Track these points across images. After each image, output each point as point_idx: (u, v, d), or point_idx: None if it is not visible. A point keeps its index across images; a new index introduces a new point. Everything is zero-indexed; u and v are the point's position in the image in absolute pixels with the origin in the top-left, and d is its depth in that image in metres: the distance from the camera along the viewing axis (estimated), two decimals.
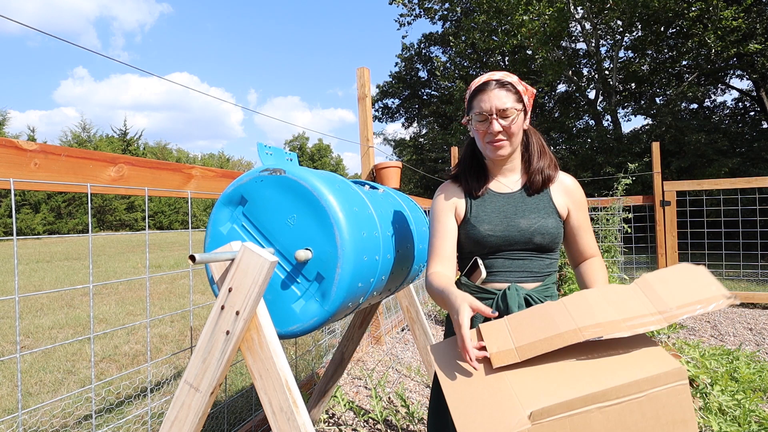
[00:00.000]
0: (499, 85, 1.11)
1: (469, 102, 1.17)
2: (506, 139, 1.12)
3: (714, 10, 9.87)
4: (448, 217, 1.20)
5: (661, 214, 4.84)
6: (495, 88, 1.11)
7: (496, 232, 1.14)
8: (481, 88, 1.12)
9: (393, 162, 3.23)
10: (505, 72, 1.15)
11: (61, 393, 2.67)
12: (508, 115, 1.10)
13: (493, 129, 1.10)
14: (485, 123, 1.12)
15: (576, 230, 1.20)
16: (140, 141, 34.42)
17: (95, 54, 2.23)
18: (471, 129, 1.19)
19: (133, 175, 1.34)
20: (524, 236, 1.13)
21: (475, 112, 1.13)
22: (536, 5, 11.01)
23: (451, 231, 1.19)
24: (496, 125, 1.10)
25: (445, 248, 1.18)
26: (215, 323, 1.00)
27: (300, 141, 56.67)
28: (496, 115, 1.10)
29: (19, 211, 23.71)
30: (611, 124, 13.70)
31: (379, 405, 2.22)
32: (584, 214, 1.20)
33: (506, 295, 1.09)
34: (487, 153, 1.16)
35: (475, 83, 1.15)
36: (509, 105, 1.10)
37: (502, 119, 1.10)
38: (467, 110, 1.19)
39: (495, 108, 1.10)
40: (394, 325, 4.02)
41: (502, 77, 1.12)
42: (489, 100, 1.10)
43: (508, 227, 1.14)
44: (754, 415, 1.96)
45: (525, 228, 1.13)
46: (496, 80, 1.12)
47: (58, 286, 6.69)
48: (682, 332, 3.71)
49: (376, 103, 21.10)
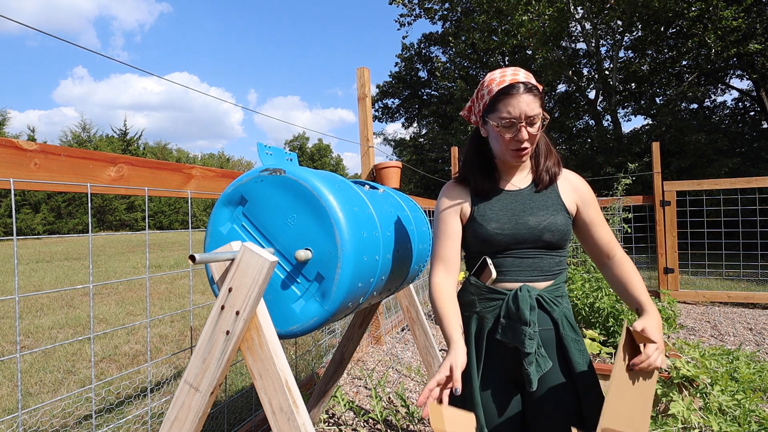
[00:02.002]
0: (527, 89, 1.04)
1: (491, 103, 1.08)
2: (530, 146, 1.09)
3: (714, 10, 9.87)
4: (452, 218, 1.17)
5: (661, 214, 4.84)
6: (524, 93, 1.04)
7: (505, 231, 1.11)
8: (509, 91, 1.04)
9: (393, 162, 3.23)
10: (525, 71, 1.08)
11: (61, 393, 2.67)
12: (535, 122, 1.05)
13: (522, 137, 1.05)
14: (512, 129, 1.06)
15: (589, 226, 1.17)
16: (140, 141, 34.43)
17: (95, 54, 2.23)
18: (488, 130, 1.13)
19: (133, 175, 1.33)
20: (533, 234, 1.10)
21: (501, 116, 1.06)
22: (536, 5, 11.01)
23: (456, 234, 1.17)
24: (525, 133, 1.05)
25: (448, 252, 1.16)
26: (215, 323, 1.00)
27: (300, 141, 56.68)
28: (525, 123, 1.05)
29: (19, 211, 23.71)
30: (611, 124, 13.71)
31: (379, 405, 2.22)
32: (595, 210, 1.18)
33: (517, 297, 1.07)
34: (508, 159, 1.12)
35: (498, 83, 1.06)
36: (537, 111, 1.04)
37: (530, 126, 1.06)
38: (486, 111, 1.10)
39: (525, 114, 1.03)
40: (394, 325, 4.02)
41: (527, 79, 1.05)
42: (518, 105, 1.03)
43: (517, 225, 1.11)
44: (754, 415, 1.96)
45: (534, 225, 1.11)
46: (523, 83, 1.04)
47: (58, 286, 6.69)
48: (682, 332, 3.71)
49: (376, 103, 21.11)
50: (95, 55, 12.75)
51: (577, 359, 1.09)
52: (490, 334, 1.13)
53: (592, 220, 1.17)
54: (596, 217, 1.17)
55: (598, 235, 1.17)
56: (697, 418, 1.94)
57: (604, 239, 1.17)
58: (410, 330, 2.01)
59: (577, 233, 1.22)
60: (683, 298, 4.80)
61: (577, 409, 1.07)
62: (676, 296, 4.76)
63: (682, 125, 10.93)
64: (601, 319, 2.66)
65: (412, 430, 2.16)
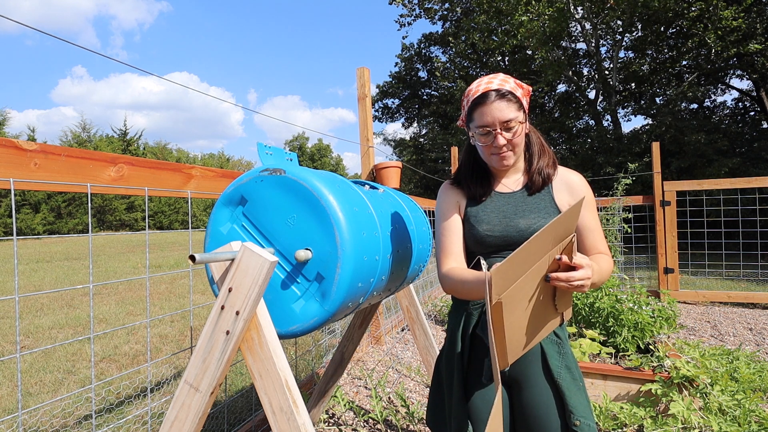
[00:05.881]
0: (499, 96, 1.07)
1: (468, 113, 1.13)
2: (510, 150, 1.11)
3: (714, 10, 9.87)
4: (453, 215, 1.20)
5: (661, 214, 4.84)
6: (495, 100, 1.07)
7: (495, 233, 1.13)
8: (481, 101, 1.08)
9: (393, 162, 3.23)
10: (502, 77, 1.11)
11: (61, 393, 2.67)
12: (511, 127, 1.08)
13: (498, 143, 1.08)
14: (488, 136, 1.09)
15: (581, 230, 1.14)
16: (140, 141, 34.43)
17: (94, 53, 2.24)
18: (472, 139, 1.16)
19: (133, 175, 1.33)
20: (523, 236, 1.11)
21: (477, 125, 1.10)
22: (536, 5, 11.02)
23: (459, 228, 1.19)
24: (500, 139, 1.08)
25: (453, 245, 1.17)
26: (215, 323, 0.99)
27: (300, 141, 56.69)
28: (499, 128, 1.07)
29: (19, 211, 23.71)
30: (611, 124, 13.71)
31: (379, 405, 2.22)
32: (590, 213, 1.14)
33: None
34: (492, 164, 1.15)
35: (473, 93, 1.10)
36: (511, 116, 1.06)
37: (506, 131, 1.08)
38: (467, 120, 1.15)
39: (498, 121, 1.06)
40: (394, 325, 4.02)
41: (500, 86, 1.08)
42: (490, 113, 1.07)
43: (507, 227, 1.13)
44: (754, 415, 1.96)
45: (524, 228, 1.12)
46: (495, 90, 1.07)
47: (58, 286, 6.69)
48: (682, 332, 3.71)
49: (376, 103, 21.10)
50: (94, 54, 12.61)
51: (553, 362, 1.10)
52: (474, 330, 1.15)
53: (585, 225, 1.14)
54: (590, 221, 1.14)
55: (588, 242, 1.13)
56: (697, 418, 1.94)
57: (592, 246, 1.13)
58: (410, 330, 2.01)
59: None
60: (683, 298, 4.80)
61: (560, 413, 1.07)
62: (676, 296, 4.76)
63: (682, 125, 10.93)
64: (601, 319, 2.67)
65: (412, 430, 2.16)
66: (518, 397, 1.11)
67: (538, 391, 1.09)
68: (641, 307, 2.64)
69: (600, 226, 1.16)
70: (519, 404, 1.11)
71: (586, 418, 1.05)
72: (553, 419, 1.06)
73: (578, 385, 1.10)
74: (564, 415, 1.07)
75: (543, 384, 1.09)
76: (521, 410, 1.10)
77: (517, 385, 1.12)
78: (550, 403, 1.07)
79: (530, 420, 1.08)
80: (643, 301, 2.73)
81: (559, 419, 1.06)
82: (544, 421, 1.06)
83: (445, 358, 1.22)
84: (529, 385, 1.10)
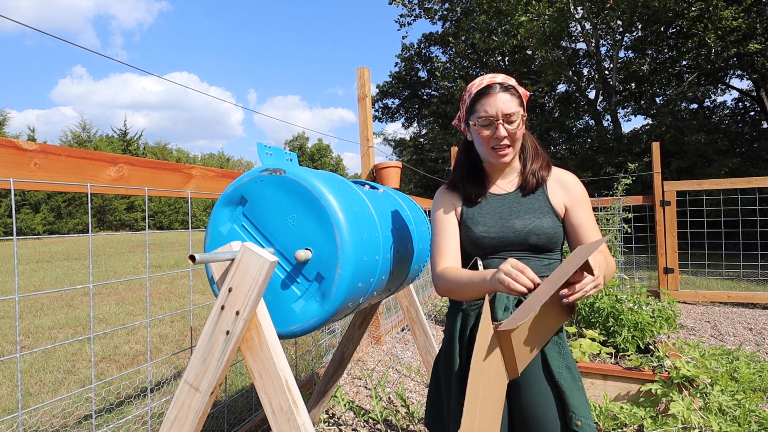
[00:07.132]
0: (503, 88, 1.09)
1: (470, 105, 1.14)
2: (510, 145, 1.12)
3: (714, 10, 9.87)
4: (450, 216, 1.21)
5: (661, 214, 4.84)
6: (500, 92, 1.09)
7: (491, 234, 1.14)
8: (485, 92, 1.10)
9: (393, 162, 3.23)
10: (504, 74, 1.13)
11: (61, 393, 2.67)
12: (513, 120, 1.09)
13: (500, 134, 1.09)
14: (490, 127, 1.10)
15: (576, 228, 1.14)
16: (140, 141, 34.40)
17: (94, 53, 2.24)
18: (471, 133, 1.17)
19: (133, 175, 1.34)
20: (519, 237, 1.12)
21: (480, 116, 1.11)
22: (536, 5, 11.01)
23: (455, 230, 1.20)
24: (502, 130, 1.09)
25: (449, 247, 1.18)
26: (215, 323, 1.00)
27: (300, 141, 56.65)
28: (502, 120, 1.08)
29: (19, 211, 23.71)
30: (611, 124, 13.70)
31: (379, 405, 2.22)
32: (586, 212, 1.15)
33: (495, 297, 1.09)
34: (490, 159, 1.15)
35: (476, 86, 1.12)
36: (514, 109, 1.08)
37: (508, 124, 1.09)
38: (468, 113, 1.15)
39: (501, 112, 1.08)
40: (394, 325, 4.02)
41: (504, 80, 1.10)
42: (494, 103, 1.08)
43: (503, 228, 1.14)
44: (754, 415, 1.96)
45: (519, 229, 1.12)
46: (499, 83, 1.09)
47: (58, 286, 6.69)
48: (682, 332, 3.71)
49: (376, 103, 21.09)
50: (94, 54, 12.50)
51: (554, 362, 1.10)
52: (471, 331, 1.15)
53: (580, 223, 1.14)
54: (585, 220, 1.14)
55: (585, 240, 1.13)
56: (697, 418, 1.94)
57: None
58: (410, 330, 2.01)
59: (565, 235, 1.19)
60: (683, 298, 4.80)
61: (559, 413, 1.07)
62: (676, 296, 4.76)
63: (682, 125, 10.93)
64: (601, 319, 2.67)
65: (412, 430, 2.16)
66: (517, 398, 1.11)
67: (538, 391, 1.08)
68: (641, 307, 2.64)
69: (596, 224, 1.17)
70: (518, 405, 1.10)
71: (587, 418, 1.05)
72: (552, 419, 1.06)
73: (578, 385, 1.10)
74: (563, 415, 1.07)
75: (543, 384, 1.09)
76: (520, 411, 1.10)
77: (515, 386, 1.12)
78: (550, 403, 1.07)
79: (530, 420, 1.08)
80: (643, 301, 2.73)
81: (558, 419, 1.06)
82: (543, 421, 1.06)
83: (443, 359, 1.22)
84: (528, 385, 1.09)
